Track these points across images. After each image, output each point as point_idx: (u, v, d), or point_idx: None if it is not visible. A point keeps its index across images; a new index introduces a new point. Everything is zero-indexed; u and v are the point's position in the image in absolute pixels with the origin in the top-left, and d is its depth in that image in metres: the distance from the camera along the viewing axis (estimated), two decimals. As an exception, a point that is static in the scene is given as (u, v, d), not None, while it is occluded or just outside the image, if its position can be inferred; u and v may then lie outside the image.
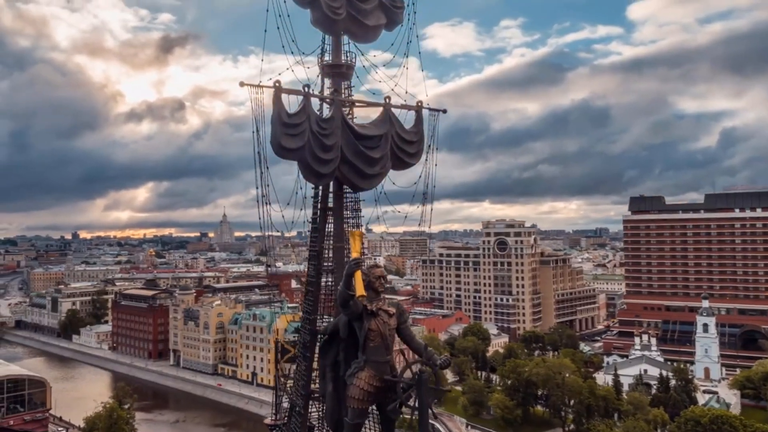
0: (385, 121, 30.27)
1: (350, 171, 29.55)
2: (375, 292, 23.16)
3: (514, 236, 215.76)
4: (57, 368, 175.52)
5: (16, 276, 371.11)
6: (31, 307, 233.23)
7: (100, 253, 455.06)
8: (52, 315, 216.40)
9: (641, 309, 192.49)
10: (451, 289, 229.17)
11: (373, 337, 22.59)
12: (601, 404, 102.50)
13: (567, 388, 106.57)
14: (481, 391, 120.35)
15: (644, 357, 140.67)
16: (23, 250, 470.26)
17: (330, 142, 28.16)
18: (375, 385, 25.23)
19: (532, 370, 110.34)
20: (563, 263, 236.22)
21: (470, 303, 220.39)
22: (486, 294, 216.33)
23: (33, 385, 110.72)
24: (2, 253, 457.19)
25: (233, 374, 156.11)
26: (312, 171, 28.62)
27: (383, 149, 29.64)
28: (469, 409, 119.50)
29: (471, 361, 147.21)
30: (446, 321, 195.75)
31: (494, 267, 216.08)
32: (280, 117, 26.41)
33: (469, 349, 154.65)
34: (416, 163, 31.93)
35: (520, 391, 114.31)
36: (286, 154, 27.25)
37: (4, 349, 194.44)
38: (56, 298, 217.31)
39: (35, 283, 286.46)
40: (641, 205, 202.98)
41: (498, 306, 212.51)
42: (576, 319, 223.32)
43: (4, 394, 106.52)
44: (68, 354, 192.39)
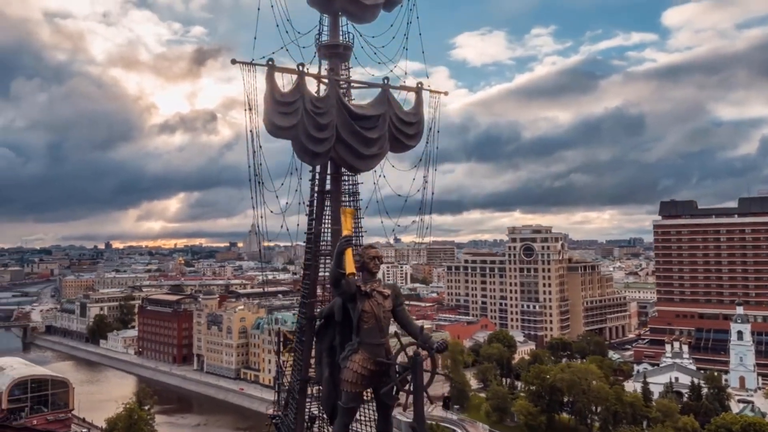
0: (382, 102, 29.57)
1: (346, 151, 28.96)
2: (370, 273, 22.88)
3: (541, 242, 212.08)
4: (84, 372, 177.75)
5: (50, 284, 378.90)
6: (61, 313, 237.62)
7: (131, 262, 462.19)
8: (80, 320, 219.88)
9: (673, 316, 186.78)
10: (477, 296, 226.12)
11: (367, 319, 22.11)
12: (628, 411, 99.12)
13: (593, 394, 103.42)
14: (504, 398, 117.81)
15: (675, 365, 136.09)
16: (57, 259, 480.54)
17: (324, 121, 27.53)
18: (369, 368, 24.10)
19: (557, 375, 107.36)
20: (592, 270, 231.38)
21: (496, 310, 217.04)
22: (512, 301, 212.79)
23: (56, 386, 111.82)
24: (37, 261, 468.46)
25: (255, 379, 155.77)
26: (306, 150, 28.04)
27: (381, 130, 28.99)
28: (493, 416, 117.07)
29: (496, 368, 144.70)
30: (471, 328, 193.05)
31: (520, 273, 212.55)
32: (273, 95, 25.96)
33: (494, 356, 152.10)
34: (415, 146, 31.21)
35: (545, 397, 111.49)
36: (278, 132, 26.77)
37: (34, 353, 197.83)
38: (85, 304, 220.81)
39: (66, 290, 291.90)
40: (672, 210, 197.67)
41: (524, 313, 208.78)
42: (606, 327, 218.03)
43: (28, 393, 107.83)
44: (95, 358, 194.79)
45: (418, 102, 31.14)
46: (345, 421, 27.24)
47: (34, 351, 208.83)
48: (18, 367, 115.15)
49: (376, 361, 23.01)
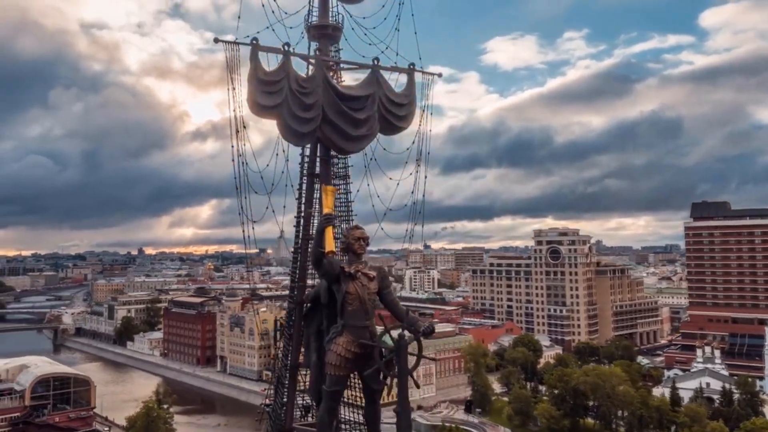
0: (371, 83, 28.77)
1: (333, 132, 28.12)
2: (355, 254, 22.58)
3: (568, 245, 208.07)
4: (110, 372, 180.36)
5: (83, 288, 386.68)
6: (90, 315, 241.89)
7: (162, 268, 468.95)
8: (108, 322, 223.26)
9: (705, 321, 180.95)
10: (502, 299, 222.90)
11: (351, 301, 21.76)
12: (654, 416, 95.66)
13: (617, 398, 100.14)
14: (527, 401, 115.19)
15: (707, 370, 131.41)
16: (91, 264, 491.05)
17: (310, 101, 26.84)
18: (353, 351, 23.15)
19: (580, 378, 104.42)
20: (621, 273, 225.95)
21: (522, 314, 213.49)
22: (538, 305, 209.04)
23: (78, 384, 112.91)
24: (71, 267, 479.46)
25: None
26: (291, 130, 27.30)
27: (369, 110, 28.16)
28: (515, 419, 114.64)
29: (520, 372, 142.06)
30: (496, 331, 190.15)
31: (546, 277, 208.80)
32: (257, 74, 25.50)
33: (518, 360, 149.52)
34: (406, 127, 30.30)
35: (568, 401, 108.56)
36: (262, 112, 26.28)
37: (64, 355, 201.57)
38: (112, 306, 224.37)
39: (97, 294, 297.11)
40: (704, 211, 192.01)
41: (551, 317, 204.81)
42: (636, 332, 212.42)
43: (50, 391, 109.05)
44: (122, 360, 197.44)
45: (410, 83, 30.15)
46: (330, 405, 26.15)
47: (64, 352, 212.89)
48: (42, 365, 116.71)
49: (361, 344, 22.54)
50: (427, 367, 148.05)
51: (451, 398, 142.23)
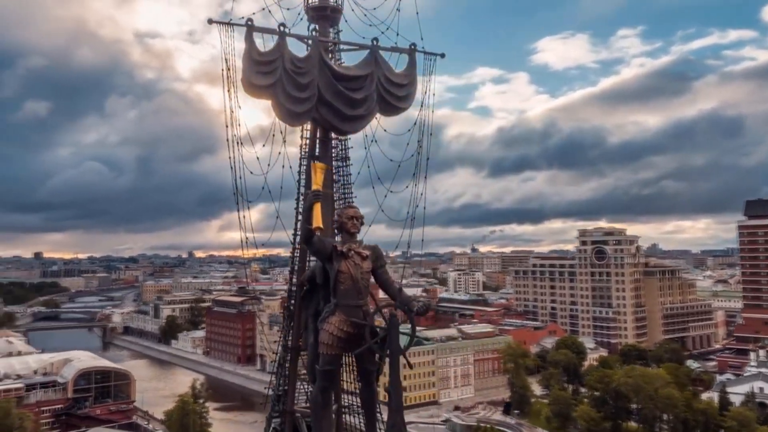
0: (370, 63, 28.19)
1: (329, 113, 27.47)
2: (348, 233, 22.40)
3: (614, 244, 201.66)
4: (154, 369, 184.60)
5: (133, 290, 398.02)
6: (137, 314, 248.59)
7: (210, 270, 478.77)
8: (154, 321, 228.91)
9: (761, 324, 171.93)
10: (546, 301, 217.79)
11: (344, 280, 21.42)
12: (700, 419, 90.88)
13: (661, 400, 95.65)
14: (566, 403, 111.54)
15: (761, 374, 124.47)
16: (142, 266, 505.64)
17: (304, 81, 26.22)
18: (346, 331, 22.47)
19: (621, 379, 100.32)
20: (671, 275, 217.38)
21: (566, 316, 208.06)
22: (583, 306, 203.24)
23: (118, 378, 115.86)
24: (123, 269, 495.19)
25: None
26: (285, 110, 26.71)
27: (367, 90, 27.53)
28: (554, 421, 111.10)
29: (562, 375, 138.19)
30: (538, 333, 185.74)
31: (592, 278, 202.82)
32: (251, 55, 25.05)
33: (561, 362, 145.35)
34: (406, 108, 29.71)
35: (610, 403, 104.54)
36: (256, 91, 25.73)
37: (112, 352, 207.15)
38: (158, 305, 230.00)
39: (146, 294, 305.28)
40: (760, 209, 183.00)
41: (596, 319, 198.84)
42: (688, 336, 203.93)
43: (92, 384, 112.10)
44: (166, 357, 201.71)
45: (410, 64, 29.53)
46: (323, 385, 25.29)
47: (112, 350, 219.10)
48: (85, 359, 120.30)
49: (354, 323, 21.91)
50: (464, 368, 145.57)
51: (490, 400, 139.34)
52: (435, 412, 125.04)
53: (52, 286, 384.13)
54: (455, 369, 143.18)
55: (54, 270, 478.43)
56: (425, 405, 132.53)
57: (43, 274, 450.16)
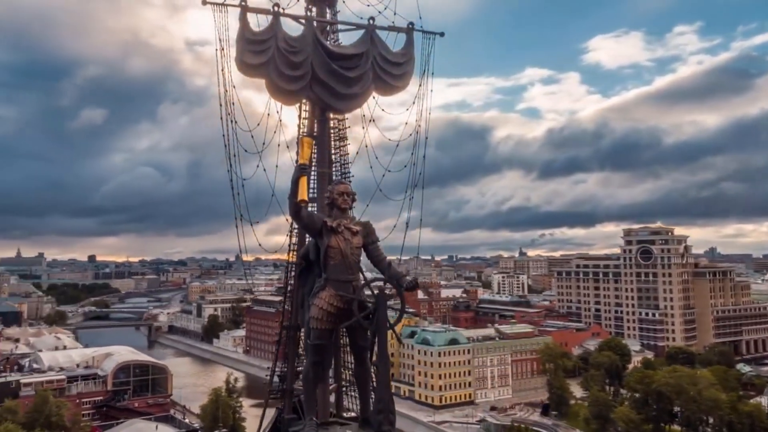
0: (365, 42, 28.54)
1: (323, 91, 27.88)
2: (339, 209, 22.07)
3: (660, 244, 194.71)
4: (197, 367, 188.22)
5: (181, 291, 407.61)
6: (181, 314, 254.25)
7: (255, 272, 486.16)
8: (197, 320, 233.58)
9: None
10: (590, 302, 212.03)
11: (334, 255, 21.14)
12: (745, 422, 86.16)
13: (704, 402, 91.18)
14: (606, 404, 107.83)
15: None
16: (190, 269, 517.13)
17: (298, 59, 26.71)
18: (336, 305, 22.35)
19: (662, 380, 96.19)
20: (723, 276, 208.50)
21: (611, 317, 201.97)
22: (628, 308, 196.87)
23: (156, 372, 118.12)
24: (171, 271, 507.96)
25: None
26: (278, 88, 27.33)
27: (362, 69, 27.78)
28: (592, 423, 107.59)
29: (604, 377, 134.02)
30: (581, 335, 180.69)
31: (637, 279, 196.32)
32: (244, 34, 25.71)
33: (604, 364, 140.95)
34: (403, 87, 29.85)
35: (651, 404, 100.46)
36: (249, 70, 26.40)
37: (156, 350, 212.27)
38: (200, 305, 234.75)
39: (191, 295, 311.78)
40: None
41: (642, 321, 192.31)
42: (742, 339, 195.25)
43: (130, 377, 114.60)
44: (208, 356, 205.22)
45: (408, 42, 29.71)
46: (314, 360, 24.86)
47: (157, 348, 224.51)
48: (124, 353, 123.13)
49: (342, 298, 21.65)
50: (502, 369, 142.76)
51: (528, 401, 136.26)
52: (470, 411, 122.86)
53: (103, 288, 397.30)
54: (492, 369, 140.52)
55: (106, 272, 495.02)
56: (461, 405, 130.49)
57: (95, 276, 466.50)
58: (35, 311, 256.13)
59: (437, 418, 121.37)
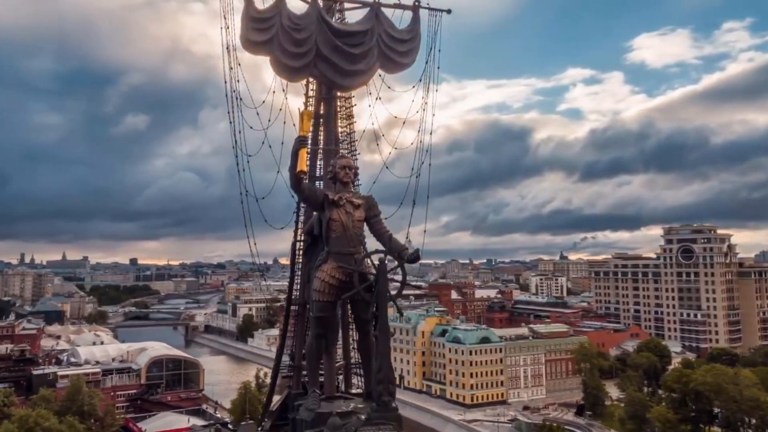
0: (370, 19, 28.71)
1: (328, 68, 27.99)
2: (342, 183, 22.75)
3: (702, 243, 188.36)
4: (231, 365, 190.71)
5: (219, 293, 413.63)
6: (217, 314, 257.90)
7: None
8: (232, 320, 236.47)
9: None
10: (629, 303, 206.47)
11: (335, 228, 21.69)
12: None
13: (745, 402, 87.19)
14: (642, 404, 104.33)
15: None
16: (228, 271, 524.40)
17: (301, 36, 26.92)
18: (338, 278, 22.62)
19: (699, 379, 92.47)
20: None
21: (651, 318, 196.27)
22: (669, 308, 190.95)
23: (188, 366, 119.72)
24: (210, 273, 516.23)
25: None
26: (282, 65, 27.49)
27: (366, 45, 27.99)
28: (628, 423, 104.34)
29: (642, 378, 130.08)
30: (619, 336, 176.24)
31: (678, 278, 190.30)
32: (249, 12, 26.20)
33: (642, 365, 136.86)
34: (409, 63, 30.17)
35: (689, 404, 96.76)
36: (253, 48, 26.85)
37: (193, 349, 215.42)
38: (235, 305, 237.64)
39: (228, 297, 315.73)
40: None
41: (684, 322, 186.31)
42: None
43: (163, 371, 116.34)
44: (243, 354, 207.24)
45: (414, 19, 29.88)
46: (317, 332, 24.68)
47: (193, 347, 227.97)
48: (158, 348, 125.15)
49: (346, 271, 21.49)
50: (536, 368, 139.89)
51: (563, 401, 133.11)
52: (502, 411, 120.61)
53: (143, 289, 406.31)
54: (525, 368, 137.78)
55: (147, 275, 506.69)
56: (493, 404, 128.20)
57: (136, 279, 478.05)
58: (77, 311, 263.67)
59: (468, 416, 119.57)
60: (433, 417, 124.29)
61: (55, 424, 64.55)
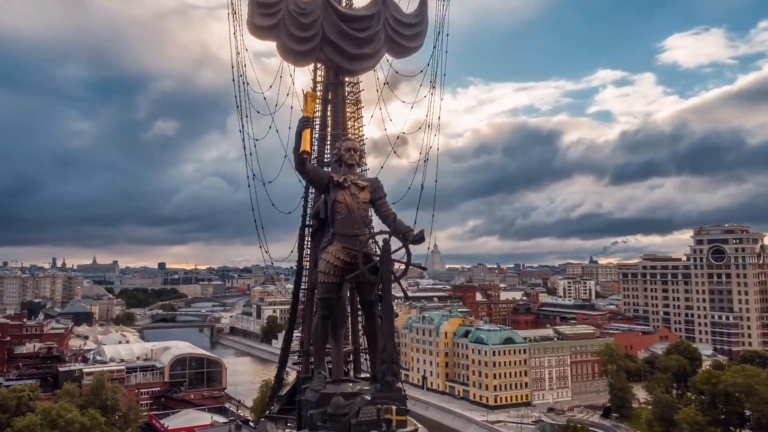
0: (377, 3, 28.68)
1: (335, 52, 28.11)
2: (347, 165, 22.73)
3: (734, 243, 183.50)
4: (255, 366, 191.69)
5: (245, 297, 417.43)
6: (242, 315, 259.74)
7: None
8: (256, 321, 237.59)
9: None
10: (658, 305, 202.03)
11: (340, 210, 21.62)
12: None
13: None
14: (670, 406, 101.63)
15: None
16: (255, 275, 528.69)
17: (307, 21, 27.08)
18: (343, 260, 22.61)
19: (729, 380, 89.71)
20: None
21: (681, 321, 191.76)
22: (699, 311, 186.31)
23: (211, 365, 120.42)
24: (236, 277, 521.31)
25: (405, 378, 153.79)
26: (288, 49, 27.74)
27: (373, 29, 28.00)
28: (655, 425, 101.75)
29: (671, 380, 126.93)
30: (647, 338, 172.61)
31: (709, 280, 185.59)
32: None
33: (671, 368, 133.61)
34: (417, 47, 30.18)
35: (719, 406, 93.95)
36: (260, 33, 27.12)
37: (218, 350, 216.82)
38: (260, 306, 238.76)
39: (254, 299, 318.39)
40: None
41: (715, 325, 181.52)
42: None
43: (186, 370, 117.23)
44: (267, 356, 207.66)
45: (421, 3, 29.88)
46: (323, 314, 24.53)
47: (218, 348, 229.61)
48: (182, 347, 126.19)
49: (351, 252, 21.40)
50: (561, 370, 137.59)
51: (589, 403, 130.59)
52: (525, 412, 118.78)
53: (171, 293, 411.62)
54: (550, 370, 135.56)
55: (174, 278, 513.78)
56: (517, 406, 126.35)
57: (164, 282, 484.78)
58: (106, 313, 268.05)
59: (491, 417, 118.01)
60: (456, 418, 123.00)
61: (77, 416, 65.20)
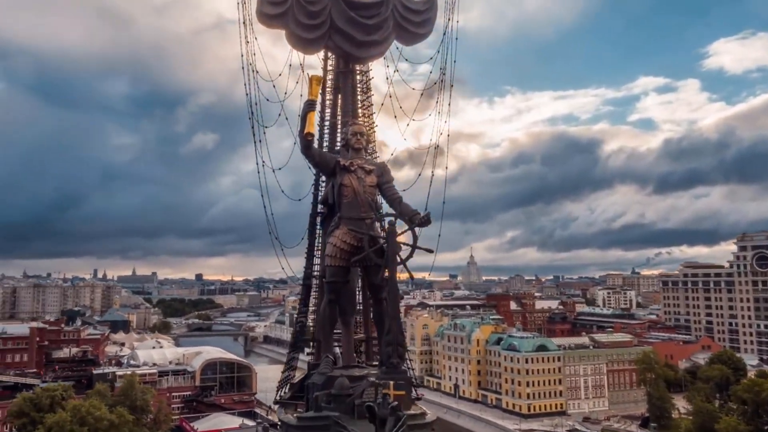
0: None
1: (343, 40, 28.19)
2: (354, 149, 22.88)
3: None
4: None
5: (280, 307, 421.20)
6: (276, 324, 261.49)
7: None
8: (289, 330, 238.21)
9: None
10: (700, 314, 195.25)
11: (347, 193, 21.77)
12: None
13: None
14: (711, 415, 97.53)
15: None
16: (290, 286, 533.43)
17: (316, 8, 27.18)
18: (349, 243, 22.56)
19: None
20: None
21: (724, 330, 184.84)
22: (744, 320, 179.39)
23: (241, 370, 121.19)
24: (271, 288, 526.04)
25: (438, 386, 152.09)
26: (297, 37, 27.64)
27: (381, 16, 28.09)
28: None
29: (713, 390, 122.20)
30: (689, 348, 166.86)
31: (754, 287, 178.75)
32: None
33: (714, 378, 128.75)
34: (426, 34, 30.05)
35: (762, 416, 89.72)
36: (268, 21, 27.08)
37: (252, 358, 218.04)
38: (293, 315, 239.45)
39: (287, 308, 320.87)
40: None
41: (761, 334, 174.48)
42: None
43: (217, 374, 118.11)
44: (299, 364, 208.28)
45: None
46: (330, 297, 24.32)
47: (252, 356, 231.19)
48: (213, 352, 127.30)
49: (358, 236, 21.44)
50: (597, 379, 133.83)
51: (626, 413, 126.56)
52: (559, 421, 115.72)
53: (207, 303, 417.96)
54: (585, 378, 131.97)
55: (211, 289, 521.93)
56: (551, 414, 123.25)
57: (201, 293, 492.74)
58: (143, 322, 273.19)
59: (524, 426, 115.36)
60: (488, 426, 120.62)
61: (106, 413, 66.01)
